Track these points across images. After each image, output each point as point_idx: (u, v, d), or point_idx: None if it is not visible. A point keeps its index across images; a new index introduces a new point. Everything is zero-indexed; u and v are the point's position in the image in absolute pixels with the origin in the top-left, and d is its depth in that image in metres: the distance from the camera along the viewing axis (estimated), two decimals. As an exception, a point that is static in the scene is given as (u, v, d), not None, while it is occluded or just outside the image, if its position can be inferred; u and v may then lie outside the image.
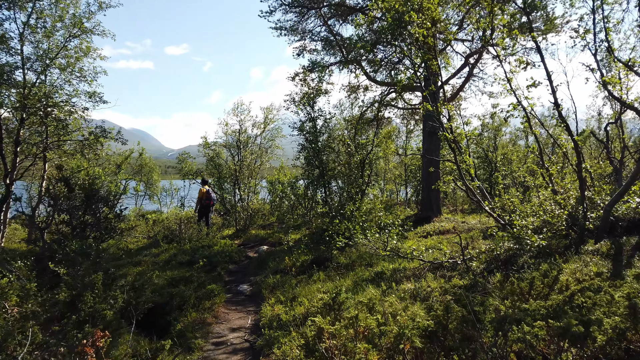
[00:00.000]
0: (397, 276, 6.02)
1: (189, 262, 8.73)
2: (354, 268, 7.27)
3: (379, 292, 5.33)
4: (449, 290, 5.00)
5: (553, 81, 5.84)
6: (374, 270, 6.61)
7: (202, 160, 18.63)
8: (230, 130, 18.62)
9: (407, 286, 5.42)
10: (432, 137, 14.25)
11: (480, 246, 7.61)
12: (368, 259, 7.69)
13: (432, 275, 5.78)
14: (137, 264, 9.19)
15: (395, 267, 6.45)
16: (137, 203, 28.05)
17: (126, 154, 22.24)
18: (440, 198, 14.93)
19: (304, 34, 16.19)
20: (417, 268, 6.30)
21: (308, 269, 7.48)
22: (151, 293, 5.94)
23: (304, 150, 10.41)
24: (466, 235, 9.68)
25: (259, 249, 11.74)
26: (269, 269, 8.15)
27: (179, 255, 9.57)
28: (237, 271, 9.15)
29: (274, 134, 19.60)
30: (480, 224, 12.11)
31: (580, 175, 5.98)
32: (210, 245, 11.05)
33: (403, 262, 6.64)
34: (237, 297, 7.05)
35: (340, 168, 10.20)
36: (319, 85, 10.96)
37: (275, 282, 6.70)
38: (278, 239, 12.55)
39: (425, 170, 14.37)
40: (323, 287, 6.15)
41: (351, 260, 7.66)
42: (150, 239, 12.56)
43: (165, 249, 10.69)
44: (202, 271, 8.09)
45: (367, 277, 6.26)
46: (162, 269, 8.28)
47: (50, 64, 9.81)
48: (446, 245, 8.25)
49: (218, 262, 8.99)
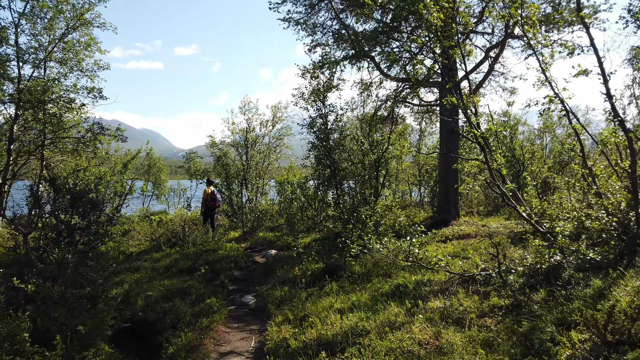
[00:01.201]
0: (422, 291, 5.27)
1: (190, 269, 8.07)
2: (370, 279, 6.53)
3: (403, 310, 4.59)
4: (486, 311, 4.24)
5: (605, 69, 5.04)
6: (394, 282, 5.87)
7: (210, 160, 18.03)
8: (238, 129, 18.02)
9: (435, 304, 4.67)
10: (450, 136, 13.44)
11: (512, 255, 6.83)
12: (385, 268, 6.95)
13: (463, 291, 5.02)
14: (135, 270, 8.56)
15: (418, 280, 5.70)
16: (145, 203, 27.60)
17: (133, 154, 21.81)
18: (458, 200, 14.10)
19: (314, 28, 15.48)
20: (444, 281, 5.55)
21: (319, 279, 6.76)
22: (142, 308, 5.28)
23: (314, 149, 9.70)
24: (494, 241, 8.89)
25: (267, 253, 11.07)
26: (277, 277, 7.45)
27: (181, 261, 8.94)
28: (242, 279, 8.47)
29: (283, 132, 18.96)
30: (504, 227, 11.30)
31: (633, 176, 5.17)
32: (215, 249, 10.41)
33: (427, 274, 5.89)
34: (240, 311, 6.34)
35: (353, 168, 9.48)
36: (330, 80, 10.23)
37: (283, 295, 5.99)
38: (287, 243, 11.87)
39: (443, 170, 13.56)
40: (337, 302, 5.42)
41: (367, 270, 6.93)
42: (153, 242, 11.96)
43: (167, 254, 10.06)
44: (203, 279, 7.43)
45: (387, 291, 5.52)
46: (160, 277, 7.64)
47: (47, 57, 9.23)
48: (471, 252, 7.47)
49: (222, 268, 8.32)
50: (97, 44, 9.84)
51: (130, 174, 21.16)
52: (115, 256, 10.69)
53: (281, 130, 18.94)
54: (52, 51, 9.21)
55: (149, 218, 15.87)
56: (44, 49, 9.32)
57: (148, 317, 5.35)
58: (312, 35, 15.35)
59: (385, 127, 13.05)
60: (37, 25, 9.16)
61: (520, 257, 6.20)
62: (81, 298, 5.24)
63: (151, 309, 5.57)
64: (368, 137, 9.19)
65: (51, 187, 5.58)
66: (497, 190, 5.32)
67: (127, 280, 8.02)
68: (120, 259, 10.47)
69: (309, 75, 10.93)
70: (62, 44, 9.53)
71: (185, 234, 11.49)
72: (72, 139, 9.26)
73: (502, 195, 5.50)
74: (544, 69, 6.20)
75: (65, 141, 9.30)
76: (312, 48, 15.36)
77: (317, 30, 15.60)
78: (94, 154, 9.94)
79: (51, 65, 9.79)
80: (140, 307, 5.65)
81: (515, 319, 3.99)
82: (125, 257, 10.74)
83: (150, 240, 12.20)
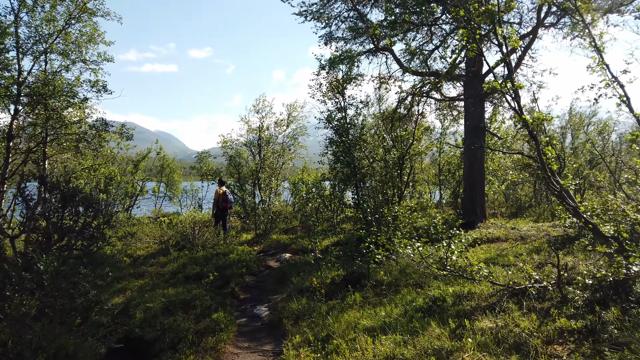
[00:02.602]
0: (464, 306, 4.48)
1: (197, 275, 7.39)
2: (399, 289, 5.76)
3: (447, 332, 3.81)
4: (553, 336, 3.44)
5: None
6: (428, 294, 5.08)
7: (222, 160, 17.44)
8: (252, 128, 17.42)
9: (485, 324, 3.87)
10: (475, 132, 12.55)
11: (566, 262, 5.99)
12: (415, 276, 6.17)
13: (515, 307, 4.21)
14: (139, 276, 7.93)
15: (456, 292, 4.91)
16: (157, 205, 27.19)
17: (144, 154, 21.38)
18: (485, 200, 13.18)
19: (329, 20, 14.75)
20: (488, 294, 4.74)
21: (340, 289, 6.01)
22: (140, 323, 4.60)
23: (332, 145, 8.95)
24: (528, 246, 8.03)
25: (281, 256, 10.37)
26: (292, 286, 6.71)
27: (189, 266, 8.28)
28: (255, 286, 7.76)
29: (297, 132, 18.29)
30: (536, 230, 10.39)
31: None
32: (226, 252, 9.74)
33: (467, 285, 5.09)
34: (251, 324, 5.61)
35: (374, 165, 8.70)
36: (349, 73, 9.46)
37: (301, 309, 5.24)
38: (302, 246, 11.15)
39: (468, 169, 12.68)
40: (363, 318, 4.66)
41: (393, 278, 6.15)
42: (162, 245, 11.37)
43: (175, 257, 9.42)
44: (211, 287, 6.74)
45: (421, 305, 4.74)
46: (165, 284, 6.99)
47: (48, 48, 8.68)
48: (512, 259, 6.63)
49: (232, 274, 7.63)
50: (100, 35, 9.26)
51: (142, 174, 20.76)
52: (121, 259, 10.12)
53: (296, 130, 18.31)
54: (54, 42, 8.64)
55: (158, 220, 15.31)
56: (45, 40, 8.76)
57: (146, 334, 4.67)
58: (327, 27, 14.66)
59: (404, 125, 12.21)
60: (37, 15, 8.61)
61: (586, 267, 5.37)
62: (73, 310, 4.60)
63: (150, 325, 4.88)
64: (390, 133, 8.41)
65: (41, 185, 4.97)
66: (555, 188, 4.50)
67: (130, 287, 7.39)
68: (127, 263, 9.89)
69: (325, 71, 10.18)
70: (64, 34, 8.96)
71: (195, 236, 10.86)
72: (74, 135, 8.68)
73: (559, 195, 4.67)
74: (599, 48, 5.39)
75: (67, 138, 8.73)
76: (328, 42, 14.62)
77: (331, 23, 14.90)
78: (97, 152, 9.33)
79: (52, 58, 9.25)
80: (139, 321, 4.97)
81: (594, 347, 3.18)
82: (131, 261, 10.16)
83: (158, 243, 11.61)
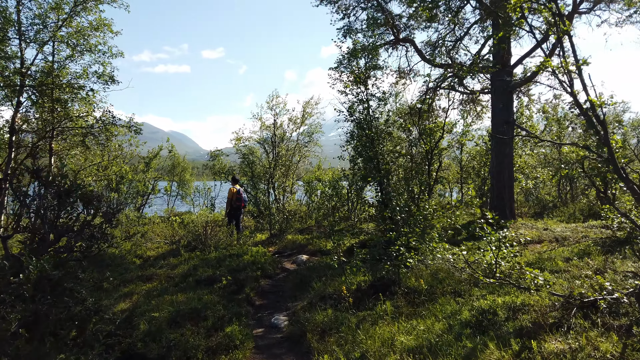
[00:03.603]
0: (522, 322, 3.78)
1: (209, 279, 6.79)
2: (435, 297, 5.08)
3: (509, 356, 3.14)
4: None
5: None
6: (474, 305, 4.39)
7: (235, 157, 16.93)
8: (265, 125, 16.88)
9: (555, 346, 3.19)
10: (504, 127, 11.78)
11: (619, 268, 5.25)
12: (450, 282, 5.49)
13: (588, 324, 3.51)
14: (147, 279, 7.39)
15: (508, 303, 4.21)
16: (169, 204, 26.86)
17: (155, 151, 20.98)
18: (514, 199, 12.38)
19: (347, 11, 14.10)
20: (546, 306, 4.04)
21: (367, 297, 5.36)
22: (143, 336, 4.01)
23: (353, 139, 8.30)
24: (572, 249, 7.28)
25: (298, 258, 9.77)
26: (313, 291, 6.08)
27: (200, 268, 7.71)
28: (271, 290, 7.14)
29: (312, 129, 17.70)
30: (571, 231, 9.61)
31: None
32: (240, 254, 9.17)
33: (519, 295, 4.39)
34: (269, 336, 4.99)
35: (400, 160, 8.04)
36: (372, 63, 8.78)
37: (327, 321, 4.59)
38: (319, 247, 10.53)
39: (496, 166, 11.90)
40: (399, 334, 4.00)
41: (427, 284, 5.48)
42: (173, 245, 10.85)
43: (186, 259, 8.88)
44: (225, 293, 6.15)
45: (468, 319, 4.06)
46: (174, 288, 6.42)
47: (52, 37, 8.20)
48: (561, 264, 5.90)
49: (247, 278, 7.02)
50: (108, 25, 8.75)
51: (153, 173, 20.36)
52: (130, 260, 9.62)
53: (311, 127, 17.72)
54: (58, 31, 8.16)
55: (169, 219, 14.82)
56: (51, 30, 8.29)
57: (149, 351, 4.07)
58: (345, 18, 14.02)
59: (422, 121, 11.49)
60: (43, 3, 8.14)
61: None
62: (69, 320, 4.04)
63: (154, 339, 4.28)
64: (418, 125, 7.72)
65: (35, 179, 4.43)
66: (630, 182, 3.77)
67: (137, 291, 6.84)
68: (136, 264, 9.38)
69: (342, 66, 9.48)
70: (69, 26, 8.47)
71: (207, 236, 10.31)
72: (80, 129, 8.19)
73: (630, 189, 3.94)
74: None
75: (73, 132, 8.25)
76: (346, 34, 13.95)
77: (349, 14, 14.26)
78: (105, 147, 8.83)
79: (59, 50, 8.77)
80: (142, 334, 4.39)
81: None
82: (141, 262, 9.65)
83: (169, 243, 11.10)
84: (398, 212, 6.22)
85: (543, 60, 5.14)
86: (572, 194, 17.91)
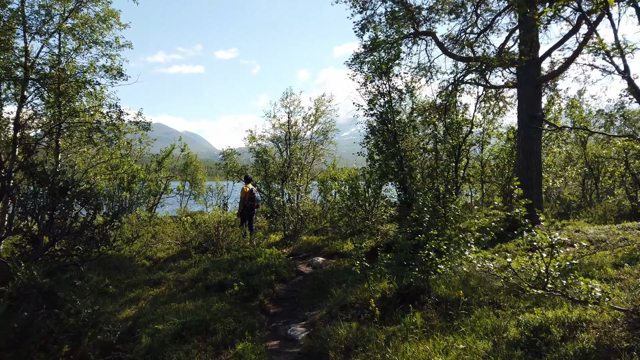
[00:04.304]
0: (584, 342, 3.22)
1: (220, 284, 6.32)
2: (471, 309, 4.53)
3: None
4: None
5: None
6: (520, 320, 3.82)
7: (248, 156, 16.53)
8: (279, 123, 16.43)
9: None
10: (532, 122, 11.09)
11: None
12: (486, 291, 4.94)
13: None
14: (155, 284, 6.97)
15: (561, 318, 3.64)
16: (182, 203, 26.65)
17: (168, 150, 20.73)
18: (542, 199, 11.66)
19: (365, 4, 13.53)
20: (608, 322, 3.46)
21: (394, 307, 4.83)
22: (144, 353, 3.54)
23: (373, 135, 7.76)
24: (617, 254, 6.64)
25: (313, 261, 9.27)
26: (332, 299, 5.56)
27: (211, 272, 7.26)
28: (286, 297, 6.65)
29: (326, 127, 17.19)
30: (606, 233, 8.93)
31: None
32: (253, 256, 8.71)
33: (572, 307, 3.81)
34: (285, 351, 4.48)
35: (425, 156, 7.47)
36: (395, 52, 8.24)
37: (352, 337, 4.06)
38: (335, 249, 10.03)
39: (523, 163, 11.20)
40: (436, 354, 3.47)
41: (459, 293, 4.93)
42: (184, 246, 10.45)
43: (196, 261, 8.45)
44: (236, 300, 5.68)
45: (517, 338, 3.50)
46: (183, 294, 5.99)
47: (58, 28, 7.84)
48: (611, 271, 5.28)
49: (260, 283, 6.53)
50: (115, 15, 8.36)
51: (166, 172, 20.10)
52: (140, 262, 9.25)
53: (325, 125, 17.23)
54: (64, 22, 7.80)
55: (181, 219, 14.46)
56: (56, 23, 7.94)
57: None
58: (363, 12, 13.46)
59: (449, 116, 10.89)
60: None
61: None
62: (64, 333, 3.60)
63: (156, 357, 3.82)
64: (444, 119, 7.14)
65: (28, 177, 4.01)
66: None
67: (144, 296, 6.43)
68: (146, 266, 9.01)
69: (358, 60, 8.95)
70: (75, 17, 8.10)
71: (219, 237, 9.88)
72: (86, 124, 7.81)
73: None
74: None
75: (80, 128, 7.88)
76: (364, 28, 13.39)
77: (367, 7, 13.69)
78: (113, 144, 8.44)
79: (65, 42, 8.42)
80: (144, 350, 3.91)
81: None
82: (151, 264, 9.27)
83: (180, 244, 10.71)
84: (426, 213, 5.66)
85: (595, 42, 4.57)
86: (597, 194, 17.07)
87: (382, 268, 5.16)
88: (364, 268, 5.33)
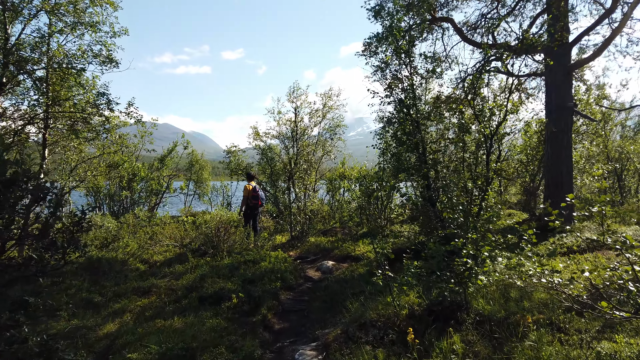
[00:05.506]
0: None
1: (217, 295, 5.45)
2: (524, 331, 3.63)
3: None
4: None
5: None
6: (602, 353, 2.93)
7: (253, 153, 15.70)
8: (286, 119, 15.56)
9: None
10: (562, 113, 10.13)
11: None
12: (538, 306, 4.05)
13: None
14: (145, 293, 6.14)
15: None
16: (186, 203, 25.91)
17: (170, 148, 19.95)
18: (573, 197, 10.68)
19: (378, -11, 12.61)
20: None
21: (424, 326, 3.94)
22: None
23: (391, 124, 6.87)
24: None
25: (323, 265, 8.41)
26: (348, 314, 4.69)
27: (208, 279, 6.41)
28: (293, 308, 5.77)
29: (334, 122, 16.31)
30: (649, 235, 8.00)
31: None
32: (257, 259, 7.88)
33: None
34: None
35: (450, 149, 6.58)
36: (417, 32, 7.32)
37: (378, 372, 3.21)
38: (346, 252, 9.18)
39: (552, 158, 10.24)
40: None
41: (501, 308, 4.04)
42: (182, 248, 9.64)
43: (194, 266, 7.62)
44: (234, 314, 4.82)
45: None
46: (173, 306, 5.15)
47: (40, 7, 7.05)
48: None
49: (264, 294, 5.66)
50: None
51: (169, 170, 19.30)
52: (134, 266, 8.44)
53: (333, 121, 16.35)
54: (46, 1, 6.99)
55: (181, 219, 13.66)
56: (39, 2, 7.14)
57: None
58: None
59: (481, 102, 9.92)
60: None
61: None
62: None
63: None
64: (473, 105, 6.23)
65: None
66: None
67: (130, 307, 5.59)
68: (140, 270, 8.20)
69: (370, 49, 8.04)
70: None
71: (220, 239, 9.04)
72: (70, 113, 6.98)
73: None
74: None
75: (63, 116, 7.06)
76: (378, 13, 12.47)
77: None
78: (97, 134, 7.61)
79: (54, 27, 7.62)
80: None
81: None
82: (146, 268, 8.47)
83: (179, 246, 9.89)
84: (460, 213, 4.76)
85: None
86: (621, 193, 16.09)
87: (410, 279, 4.27)
88: (387, 278, 4.45)
